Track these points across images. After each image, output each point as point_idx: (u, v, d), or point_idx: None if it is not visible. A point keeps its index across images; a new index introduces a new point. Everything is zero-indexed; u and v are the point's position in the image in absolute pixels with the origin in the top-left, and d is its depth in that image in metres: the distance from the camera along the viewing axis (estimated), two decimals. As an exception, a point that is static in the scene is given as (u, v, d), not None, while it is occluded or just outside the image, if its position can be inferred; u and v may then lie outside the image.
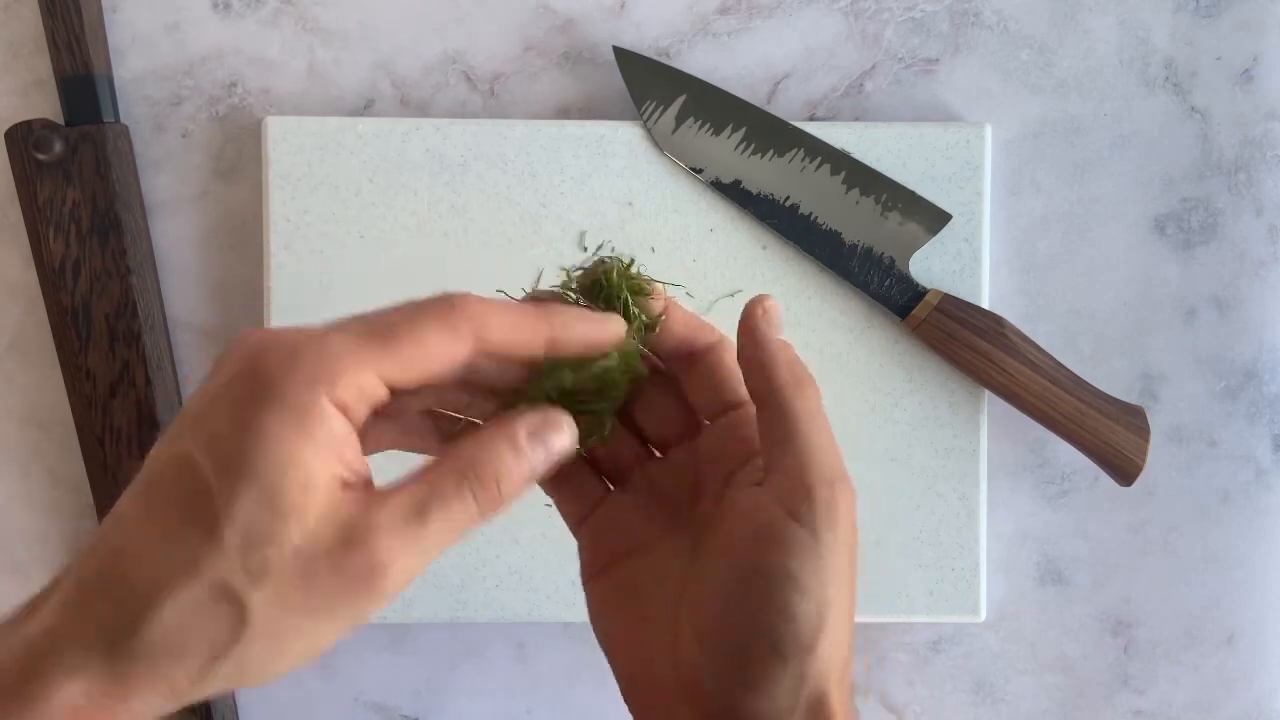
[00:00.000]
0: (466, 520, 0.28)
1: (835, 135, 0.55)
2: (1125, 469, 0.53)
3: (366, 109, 0.56)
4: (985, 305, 0.55)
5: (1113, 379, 0.57)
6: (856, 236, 0.55)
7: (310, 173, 0.54)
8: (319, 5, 0.56)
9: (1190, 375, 0.57)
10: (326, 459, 0.26)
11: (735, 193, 0.55)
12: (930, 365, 0.55)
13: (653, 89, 0.54)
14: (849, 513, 0.32)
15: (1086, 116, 0.57)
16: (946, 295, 0.54)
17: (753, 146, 0.55)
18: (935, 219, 0.54)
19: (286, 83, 0.56)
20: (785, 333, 0.35)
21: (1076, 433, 0.53)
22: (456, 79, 0.56)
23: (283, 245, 0.54)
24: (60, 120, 0.54)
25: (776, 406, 0.33)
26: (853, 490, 0.33)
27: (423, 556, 0.27)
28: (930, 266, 0.55)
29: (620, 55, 0.55)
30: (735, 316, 0.35)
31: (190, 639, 0.25)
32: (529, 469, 0.30)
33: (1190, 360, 0.57)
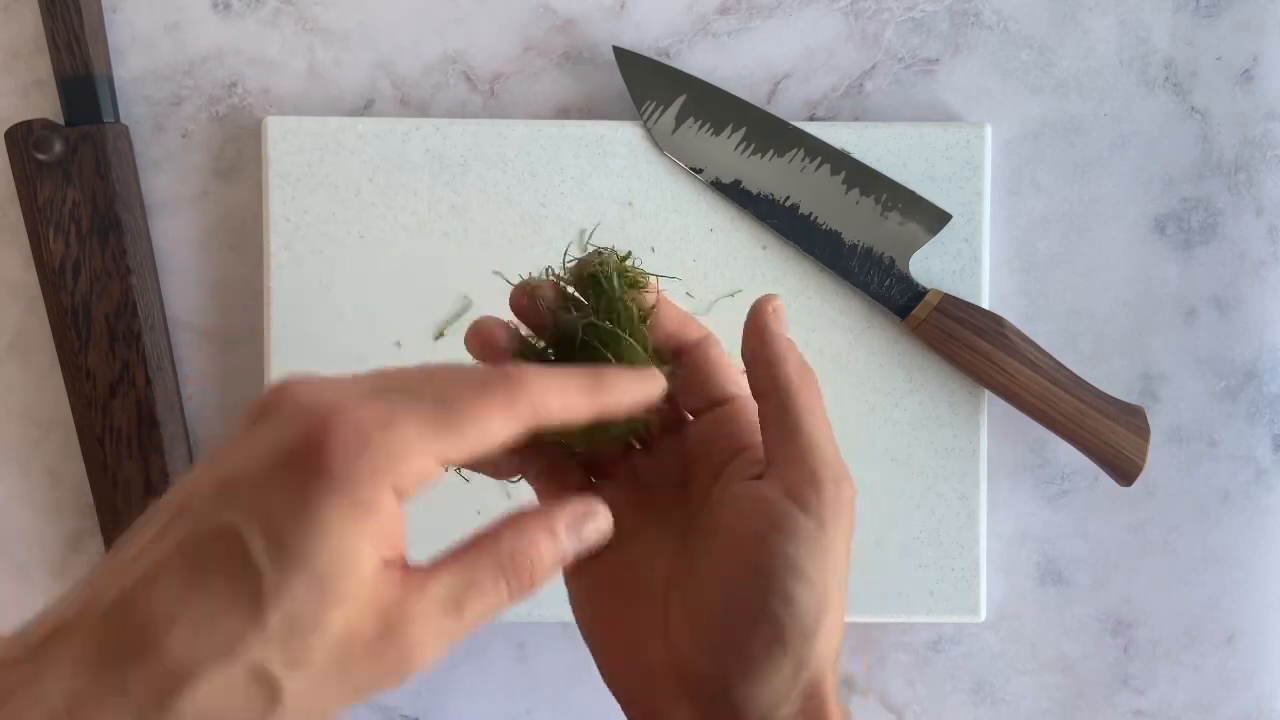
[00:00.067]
0: (498, 608, 0.29)
1: (835, 135, 0.55)
2: (1125, 469, 0.53)
3: (366, 109, 0.56)
4: (985, 305, 0.55)
5: (1113, 379, 0.57)
6: (856, 236, 0.55)
7: (310, 173, 0.54)
8: (319, 5, 0.56)
9: (1190, 375, 0.57)
10: (377, 545, 0.26)
11: (735, 193, 0.55)
12: (930, 365, 0.55)
13: (653, 89, 0.54)
14: (851, 509, 0.33)
15: (1086, 116, 0.57)
16: (946, 295, 0.54)
17: (753, 146, 0.55)
18: (935, 219, 0.54)
19: (286, 83, 0.56)
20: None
21: (1076, 433, 0.53)
22: (456, 79, 0.56)
23: (283, 245, 0.54)
24: (60, 120, 0.54)
25: (784, 401, 0.34)
26: (854, 489, 0.33)
27: (452, 643, 0.28)
28: (930, 266, 0.55)
29: (620, 55, 0.55)
30: (735, 316, 0.35)
31: (221, 718, 0.25)
32: (563, 558, 0.30)
33: (1190, 360, 0.57)
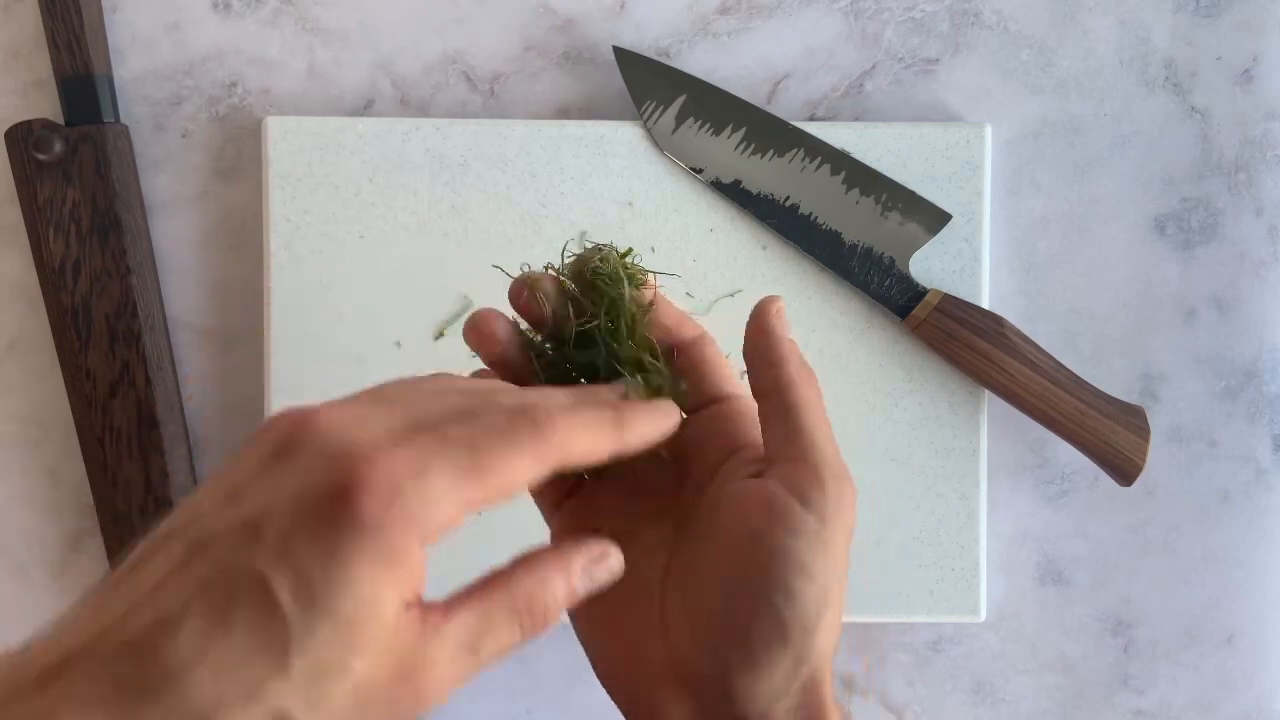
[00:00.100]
0: (511, 648, 0.29)
1: (835, 135, 0.55)
2: (1125, 469, 0.53)
3: (366, 109, 0.56)
4: (985, 305, 0.55)
5: (1113, 379, 0.57)
6: (856, 236, 0.55)
7: (310, 173, 0.54)
8: (319, 5, 0.56)
9: (1190, 375, 0.57)
10: (401, 591, 0.26)
11: (735, 193, 0.55)
12: (930, 365, 0.55)
13: (653, 89, 0.54)
14: (852, 508, 0.33)
15: (1086, 116, 0.57)
16: (946, 295, 0.54)
17: (753, 146, 0.55)
18: (935, 219, 0.54)
19: (286, 83, 0.56)
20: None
21: (1076, 433, 0.53)
22: (456, 79, 0.56)
23: (283, 245, 0.54)
24: (60, 120, 0.54)
25: (787, 399, 0.34)
26: (855, 490, 0.33)
27: (466, 682, 0.28)
28: (930, 266, 0.55)
29: (620, 55, 0.55)
30: (735, 316, 0.35)
31: None
32: (575, 597, 0.30)
33: (1190, 360, 0.57)
